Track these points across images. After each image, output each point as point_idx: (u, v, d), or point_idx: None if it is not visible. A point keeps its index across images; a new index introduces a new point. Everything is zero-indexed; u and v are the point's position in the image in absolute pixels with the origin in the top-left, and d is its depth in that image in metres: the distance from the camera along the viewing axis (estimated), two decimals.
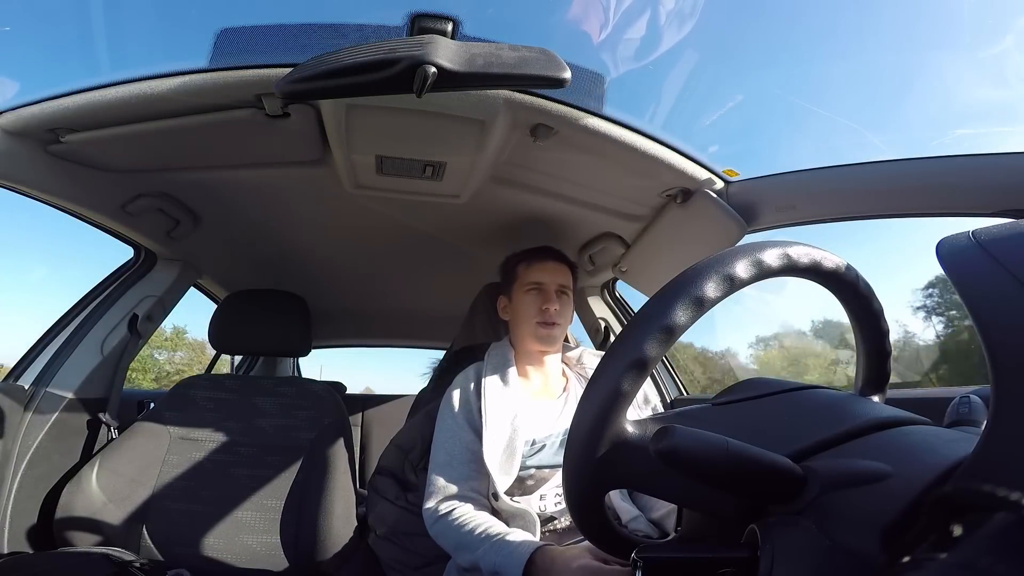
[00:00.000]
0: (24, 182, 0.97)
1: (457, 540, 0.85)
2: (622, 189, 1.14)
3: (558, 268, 1.09)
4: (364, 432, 2.16)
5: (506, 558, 0.75)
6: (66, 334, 1.24)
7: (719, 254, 0.39)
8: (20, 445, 1.08)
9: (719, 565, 0.35)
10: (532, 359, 1.08)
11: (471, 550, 0.81)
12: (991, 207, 0.77)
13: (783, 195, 1.01)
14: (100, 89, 0.85)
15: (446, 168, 1.05)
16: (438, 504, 0.92)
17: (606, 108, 0.91)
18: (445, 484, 0.93)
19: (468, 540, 0.83)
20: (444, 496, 0.92)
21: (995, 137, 0.81)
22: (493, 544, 0.79)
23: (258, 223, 1.37)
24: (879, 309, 0.45)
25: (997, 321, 0.27)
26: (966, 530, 0.26)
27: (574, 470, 0.41)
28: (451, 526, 0.87)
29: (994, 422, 0.27)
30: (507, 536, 0.80)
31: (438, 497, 0.93)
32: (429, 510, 0.92)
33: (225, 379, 1.34)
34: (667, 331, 0.37)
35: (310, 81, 0.69)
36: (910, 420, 0.41)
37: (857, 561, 0.29)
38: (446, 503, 0.91)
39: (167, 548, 1.11)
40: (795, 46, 30.10)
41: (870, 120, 25.68)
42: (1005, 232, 0.30)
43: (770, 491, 0.34)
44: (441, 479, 0.94)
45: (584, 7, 0.92)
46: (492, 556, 0.77)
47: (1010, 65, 17.68)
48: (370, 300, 1.98)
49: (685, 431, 0.33)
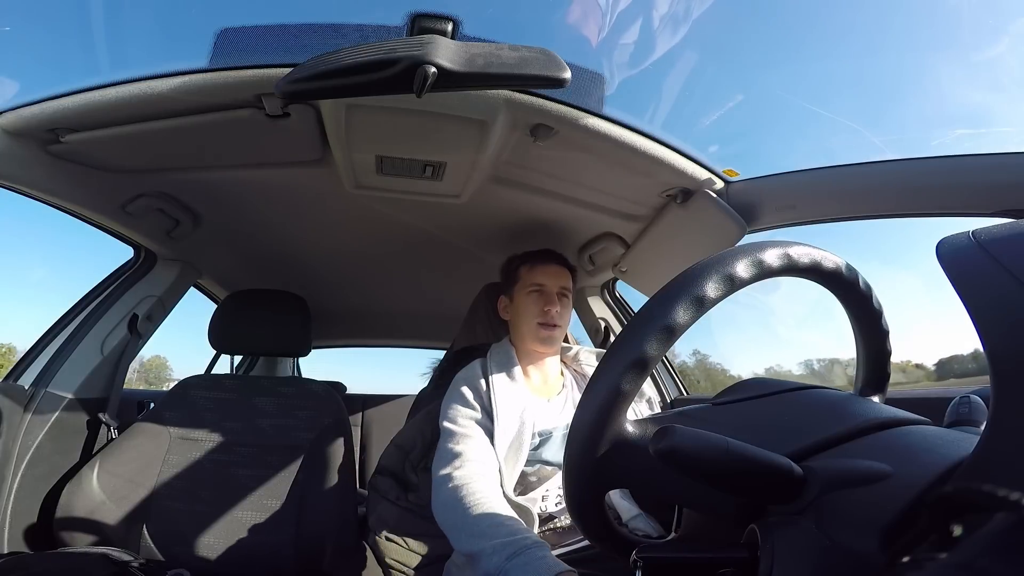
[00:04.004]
0: (24, 182, 0.97)
1: (466, 521, 0.78)
2: (622, 189, 1.14)
3: (560, 271, 1.11)
4: (364, 432, 2.16)
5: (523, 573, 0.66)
6: (66, 334, 1.24)
7: (719, 254, 0.39)
8: (20, 445, 1.08)
9: (719, 565, 0.35)
10: (532, 358, 1.09)
11: (481, 537, 0.74)
12: (991, 207, 0.77)
13: (783, 195, 1.01)
14: (100, 89, 0.85)
15: (446, 168, 1.05)
16: (453, 470, 0.88)
17: (606, 108, 0.91)
18: (463, 450, 0.90)
19: (480, 526, 0.76)
20: (463, 461, 0.88)
21: (995, 137, 0.81)
22: (505, 546, 0.70)
23: (258, 223, 1.37)
24: (879, 309, 0.45)
25: (997, 321, 0.27)
26: (966, 530, 0.26)
27: (574, 469, 0.41)
28: (461, 501, 0.81)
29: (994, 422, 0.27)
30: (535, 548, 0.69)
31: (455, 463, 0.88)
32: (446, 476, 0.87)
33: (225, 379, 1.34)
34: (667, 331, 0.37)
35: (310, 81, 0.69)
36: (910, 420, 0.41)
37: (857, 561, 0.29)
38: (461, 470, 0.87)
39: (167, 548, 1.11)
40: (796, 46, 29.86)
41: (870, 120, 25.60)
42: (1005, 232, 0.30)
43: (770, 491, 0.34)
44: (458, 446, 0.91)
45: (584, 8, 0.92)
46: (498, 559, 0.69)
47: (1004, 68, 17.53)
48: (370, 300, 1.98)
49: (685, 431, 0.33)
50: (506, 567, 0.67)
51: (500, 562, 0.68)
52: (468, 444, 0.92)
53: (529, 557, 0.67)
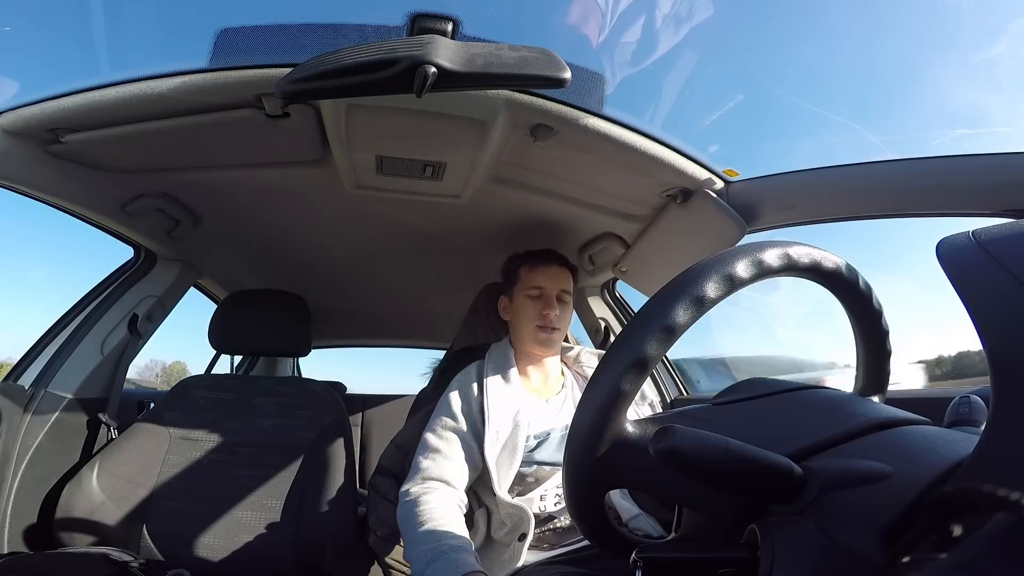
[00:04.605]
0: (24, 182, 0.97)
1: (411, 532, 0.82)
2: (622, 189, 1.14)
3: (560, 273, 1.10)
4: (364, 432, 2.16)
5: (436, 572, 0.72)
6: (66, 334, 1.24)
7: (719, 254, 0.39)
8: (20, 445, 1.08)
9: (719, 565, 0.35)
10: (532, 359, 1.08)
11: (415, 545, 0.78)
12: (991, 207, 0.77)
13: (783, 195, 1.01)
14: (100, 89, 0.85)
15: (446, 168, 1.05)
16: (413, 486, 0.90)
17: (606, 108, 0.91)
18: (429, 466, 0.92)
19: (418, 536, 0.80)
20: (425, 478, 0.91)
21: (995, 137, 0.81)
22: (426, 552, 0.75)
23: (258, 223, 1.37)
24: (879, 309, 0.45)
25: (997, 321, 0.27)
26: (966, 530, 0.26)
27: (574, 469, 0.41)
28: (413, 515, 0.84)
29: (994, 422, 0.27)
30: (451, 552, 0.74)
31: (418, 480, 0.91)
32: (405, 492, 0.90)
33: (225, 379, 1.34)
34: (667, 331, 0.37)
35: (310, 81, 0.69)
36: (910, 420, 0.41)
37: (857, 561, 0.29)
38: (421, 486, 0.90)
39: (167, 548, 1.11)
40: (796, 46, 29.93)
41: (870, 120, 25.68)
42: (1005, 232, 0.30)
43: (770, 491, 0.34)
44: (426, 461, 0.93)
45: (584, 8, 0.92)
46: (419, 566, 0.74)
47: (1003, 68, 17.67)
48: (370, 300, 1.98)
49: (685, 431, 0.33)
50: (425, 572, 0.73)
51: (420, 568, 0.74)
52: (435, 460, 0.93)
53: (444, 561, 0.73)
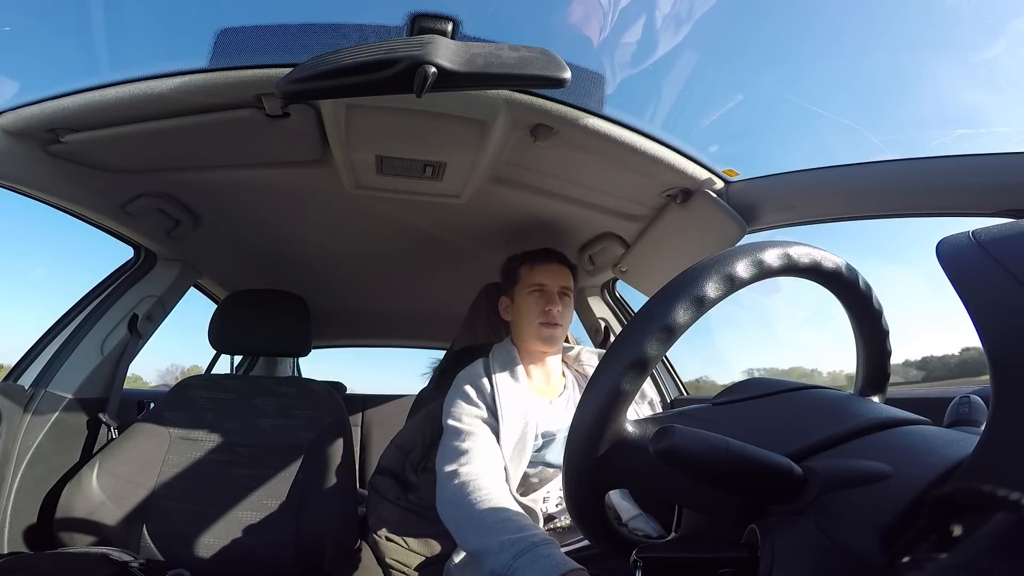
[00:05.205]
0: (24, 182, 0.97)
1: (473, 515, 0.77)
2: (622, 189, 1.14)
3: (560, 270, 1.10)
4: (364, 432, 2.16)
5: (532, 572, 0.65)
6: (66, 334, 1.24)
7: (719, 254, 0.39)
8: (20, 445, 1.08)
9: (719, 565, 0.35)
10: (534, 358, 1.09)
11: (488, 534, 0.73)
12: (991, 207, 0.77)
13: (783, 195, 1.01)
14: (100, 89, 0.85)
15: (446, 168, 1.05)
16: (460, 467, 0.86)
17: (606, 108, 0.91)
18: (471, 447, 0.89)
19: (487, 522, 0.74)
20: (470, 459, 0.87)
21: (995, 137, 0.81)
22: (512, 543, 0.69)
23: (258, 223, 1.37)
24: (879, 309, 0.45)
25: (997, 321, 0.27)
26: (966, 530, 0.26)
27: (574, 469, 0.41)
28: (470, 499, 0.79)
29: (994, 422, 0.27)
30: (542, 545, 0.68)
31: (462, 460, 0.87)
32: (453, 472, 0.85)
33: (225, 379, 1.34)
34: (667, 331, 0.37)
35: (310, 81, 0.69)
36: (910, 420, 0.41)
37: (857, 561, 0.29)
38: (469, 467, 0.86)
39: (167, 548, 1.11)
40: (796, 46, 30.10)
41: (869, 120, 25.74)
42: (1005, 232, 0.30)
43: (770, 491, 0.34)
44: (465, 443, 0.90)
45: (584, 8, 0.92)
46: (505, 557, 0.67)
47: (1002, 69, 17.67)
48: (370, 300, 1.98)
49: (685, 431, 0.33)
50: (513, 565, 0.66)
51: (507, 560, 0.67)
52: (474, 441, 0.91)
53: (536, 555, 0.66)
